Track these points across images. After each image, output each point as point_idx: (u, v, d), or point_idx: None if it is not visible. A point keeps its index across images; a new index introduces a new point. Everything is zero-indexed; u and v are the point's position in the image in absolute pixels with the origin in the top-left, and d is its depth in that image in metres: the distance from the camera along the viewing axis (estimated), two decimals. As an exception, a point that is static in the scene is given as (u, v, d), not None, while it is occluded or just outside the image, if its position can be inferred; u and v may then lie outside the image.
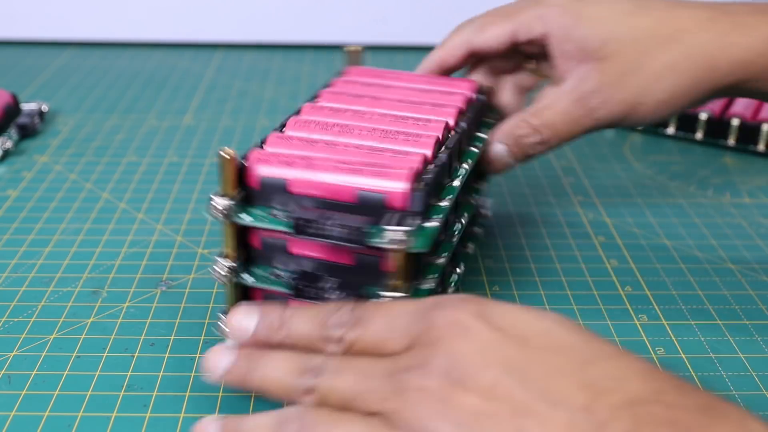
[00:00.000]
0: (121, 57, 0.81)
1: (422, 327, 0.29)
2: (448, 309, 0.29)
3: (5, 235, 0.48)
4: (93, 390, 0.36)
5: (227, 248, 0.36)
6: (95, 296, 0.42)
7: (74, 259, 0.45)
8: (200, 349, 0.38)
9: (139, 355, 0.38)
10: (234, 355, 0.32)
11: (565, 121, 0.42)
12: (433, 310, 0.29)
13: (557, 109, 0.43)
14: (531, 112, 0.43)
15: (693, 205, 0.53)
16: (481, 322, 0.28)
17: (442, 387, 0.27)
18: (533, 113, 0.43)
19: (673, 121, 0.63)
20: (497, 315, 0.29)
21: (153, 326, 0.40)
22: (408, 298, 0.34)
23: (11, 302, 0.41)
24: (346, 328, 0.31)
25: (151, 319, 0.40)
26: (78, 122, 0.64)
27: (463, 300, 0.30)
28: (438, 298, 0.30)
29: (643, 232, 0.50)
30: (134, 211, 0.51)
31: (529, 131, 0.43)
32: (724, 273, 0.46)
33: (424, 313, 0.30)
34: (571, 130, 0.43)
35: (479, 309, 0.29)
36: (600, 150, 0.62)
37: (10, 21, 0.82)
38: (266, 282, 0.36)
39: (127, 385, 0.36)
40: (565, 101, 0.42)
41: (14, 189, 0.53)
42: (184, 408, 0.35)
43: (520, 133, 0.43)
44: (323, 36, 0.84)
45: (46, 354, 0.38)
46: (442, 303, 0.30)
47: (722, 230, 0.50)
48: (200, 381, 0.36)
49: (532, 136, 0.43)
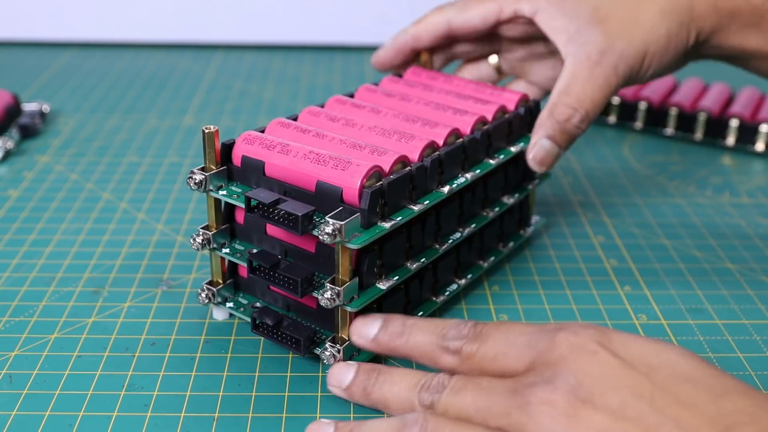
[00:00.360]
0: (121, 57, 0.81)
1: (544, 347, 0.29)
2: (570, 333, 0.29)
3: (6, 235, 0.48)
4: (94, 389, 0.36)
5: (209, 220, 0.38)
6: (96, 296, 0.42)
7: (75, 258, 0.45)
8: (200, 348, 0.38)
9: (140, 355, 0.38)
10: (356, 370, 0.34)
11: (596, 87, 0.42)
12: (556, 332, 0.30)
13: (583, 79, 0.42)
14: (560, 94, 0.42)
15: (692, 204, 0.53)
16: (605, 348, 0.28)
17: (569, 403, 0.27)
18: (563, 93, 0.42)
19: (673, 121, 0.63)
20: (621, 344, 0.29)
21: (153, 326, 0.40)
22: (363, 293, 0.35)
23: (12, 302, 0.42)
24: (465, 340, 0.32)
25: (151, 318, 0.40)
26: (79, 122, 0.65)
27: (585, 326, 0.30)
28: (560, 322, 0.31)
29: (642, 232, 0.50)
30: (135, 211, 0.51)
31: (570, 111, 0.42)
32: (723, 273, 0.46)
33: (545, 334, 0.30)
34: (605, 93, 0.42)
35: (602, 336, 0.29)
36: (599, 150, 0.62)
37: (11, 22, 0.82)
38: (233, 256, 0.38)
39: (128, 385, 0.36)
40: (585, 69, 0.42)
41: (15, 189, 0.53)
42: (184, 407, 0.35)
43: (562, 118, 0.42)
44: (323, 36, 0.84)
45: (47, 353, 0.38)
46: (564, 326, 0.30)
47: (721, 230, 0.50)
48: (200, 381, 0.36)
49: (575, 116, 0.42)
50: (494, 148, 0.41)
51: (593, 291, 0.44)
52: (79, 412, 0.34)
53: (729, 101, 0.65)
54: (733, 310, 0.42)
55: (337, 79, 0.76)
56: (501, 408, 0.28)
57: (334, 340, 0.36)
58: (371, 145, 0.37)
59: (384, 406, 0.33)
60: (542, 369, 0.29)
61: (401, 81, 0.46)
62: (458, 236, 0.40)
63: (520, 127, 0.43)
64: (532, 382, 0.28)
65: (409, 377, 0.32)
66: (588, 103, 0.42)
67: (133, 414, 0.34)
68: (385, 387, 0.33)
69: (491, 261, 0.43)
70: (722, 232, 0.50)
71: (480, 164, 0.40)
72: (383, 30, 0.83)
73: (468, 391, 0.30)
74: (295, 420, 0.34)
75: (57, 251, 0.46)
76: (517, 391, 0.28)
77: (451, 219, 0.40)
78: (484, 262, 0.43)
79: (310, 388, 0.36)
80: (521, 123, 0.43)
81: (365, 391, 0.33)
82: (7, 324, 0.40)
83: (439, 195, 0.37)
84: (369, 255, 0.35)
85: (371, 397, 0.33)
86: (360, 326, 0.35)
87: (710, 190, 0.56)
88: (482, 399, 0.29)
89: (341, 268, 0.34)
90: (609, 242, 0.49)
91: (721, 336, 0.40)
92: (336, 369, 0.34)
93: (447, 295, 0.40)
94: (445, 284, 0.41)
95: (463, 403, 0.29)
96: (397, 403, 0.32)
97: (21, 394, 0.35)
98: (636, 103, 0.64)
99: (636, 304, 0.43)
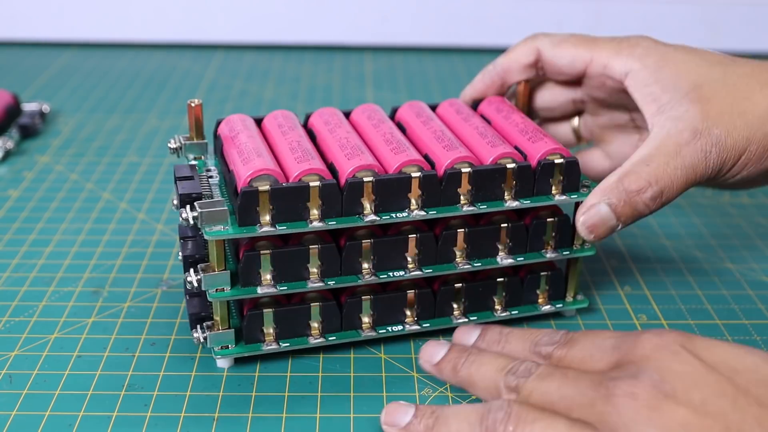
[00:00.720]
0: (121, 57, 0.81)
1: (628, 347, 0.30)
2: (654, 335, 0.30)
3: (6, 235, 0.48)
4: (94, 389, 0.36)
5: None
6: (96, 296, 0.42)
7: (75, 258, 0.45)
8: (200, 348, 0.38)
9: (140, 355, 0.38)
10: (449, 349, 0.35)
11: (681, 167, 0.36)
12: (640, 335, 0.31)
13: (668, 153, 0.36)
14: (637, 162, 0.37)
15: (692, 205, 0.53)
16: (688, 350, 0.29)
17: (652, 396, 0.28)
18: (642, 162, 0.36)
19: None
20: (704, 348, 0.29)
21: (153, 326, 0.40)
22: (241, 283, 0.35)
23: (12, 302, 0.42)
24: (556, 345, 0.33)
25: (151, 318, 0.40)
26: (79, 122, 0.65)
27: (669, 330, 0.30)
28: (645, 330, 0.31)
29: (642, 232, 0.50)
30: (135, 211, 0.51)
31: (644, 183, 0.36)
32: (723, 273, 0.46)
33: (630, 336, 0.31)
34: (687, 178, 0.36)
35: (686, 339, 0.30)
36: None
37: (11, 21, 0.82)
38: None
39: (128, 385, 0.36)
40: (673, 144, 0.36)
41: (15, 189, 0.53)
42: (184, 407, 0.35)
43: (633, 188, 0.36)
44: (323, 36, 0.84)
45: (47, 353, 0.38)
46: (648, 330, 0.31)
47: (721, 230, 0.50)
48: (201, 380, 0.36)
49: (648, 190, 0.36)
50: (481, 195, 0.37)
51: (593, 291, 0.44)
52: (79, 412, 0.34)
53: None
54: (733, 310, 0.42)
55: (337, 79, 0.76)
56: (585, 398, 0.29)
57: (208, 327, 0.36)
58: (341, 149, 0.37)
59: (469, 385, 0.34)
60: (627, 366, 0.29)
61: (456, 105, 0.42)
62: (402, 274, 0.37)
63: (530, 182, 0.37)
64: (617, 376, 0.29)
65: (498, 361, 0.33)
66: (666, 182, 0.36)
67: (133, 414, 0.34)
68: (474, 367, 0.33)
69: (470, 320, 0.39)
70: (722, 232, 0.50)
71: (449, 207, 0.36)
72: (383, 30, 0.83)
73: (554, 379, 0.30)
74: (295, 420, 0.34)
75: (57, 251, 0.46)
76: (602, 383, 0.29)
77: (393, 254, 0.37)
78: (459, 318, 0.39)
79: (310, 388, 0.36)
80: (528, 177, 0.37)
81: (454, 369, 0.34)
82: (7, 324, 0.40)
83: (355, 220, 0.35)
84: (252, 256, 0.35)
85: (459, 374, 0.34)
86: (463, 332, 0.37)
87: (710, 190, 0.56)
88: (567, 387, 0.30)
89: (211, 256, 0.35)
90: (609, 242, 0.49)
91: (721, 336, 0.40)
92: (429, 346, 0.36)
93: (383, 333, 0.38)
94: (385, 321, 0.38)
95: (548, 389, 0.30)
96: (483, 384, 0.33)
97: (21, 394, 0.35)
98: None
99: (636, 304, 0.43)
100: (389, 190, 0.35)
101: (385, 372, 0.37)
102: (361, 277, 0.36)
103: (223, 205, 0.34)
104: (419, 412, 0.32)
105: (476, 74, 0.45)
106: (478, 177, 0.36)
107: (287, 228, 0.34)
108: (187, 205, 0.34)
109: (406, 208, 0.36)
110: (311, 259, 0.36)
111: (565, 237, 0.39)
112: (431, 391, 0.36)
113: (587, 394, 0.29)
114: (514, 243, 0.38)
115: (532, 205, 0.37)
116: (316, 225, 0.35)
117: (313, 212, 0.35)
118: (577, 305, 0.41)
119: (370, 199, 0.35)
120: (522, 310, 0.40)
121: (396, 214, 0.35)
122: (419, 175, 0.35)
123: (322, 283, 0.36)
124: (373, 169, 0.35)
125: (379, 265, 0.37)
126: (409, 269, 0.37)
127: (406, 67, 0.79)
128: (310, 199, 0.34)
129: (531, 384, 0.31)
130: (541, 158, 0.37)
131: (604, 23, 0.82)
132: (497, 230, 0.38)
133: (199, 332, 0.36)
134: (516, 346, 0.35)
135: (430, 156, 0.37)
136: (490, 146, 0.38)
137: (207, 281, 0.35)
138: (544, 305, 0.40)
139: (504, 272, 0.39)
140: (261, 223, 0.34)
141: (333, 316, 0.37)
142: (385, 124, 0.39)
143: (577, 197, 0.38)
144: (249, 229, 0.34)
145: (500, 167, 0.36)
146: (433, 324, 0.39)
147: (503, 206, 0.37)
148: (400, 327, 0.38)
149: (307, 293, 0.37)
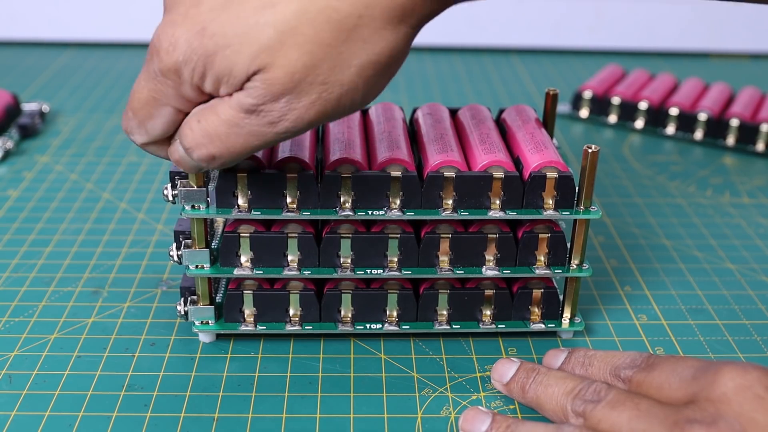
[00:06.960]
0: (121, 57, 0.81)
1: (707, 381, 0.29)
2: (738, 372, 0.29)
3: (6, 235, 0.48)
4: (94, 390, 0.36)
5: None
6: (96, 296, 0.42)
7: (75, 258, 0.45)
8: (200, 349, 0.38)
9: (140, 355, 0.38)
10: (517, 368, 0.35)
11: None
12: (721, 367, 0.29)
13: None
14: None
15: (692, 205, 0.53)
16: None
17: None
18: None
19: (673, 121, 0.63)
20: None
21: (153, 326, 0.40)
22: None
23: (12, 302, 0.42)
24: (636, 369, 0.32)
25: (151, 318, 0.40)
26: (78, 122, 0.65)
27: (753, 367, 0.29)
28: (727, 360, 0.30)
29: (642, 232, 0.50)
30: (134, 211, 0.51)
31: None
32: (724, 273, 0.46)
33: (711, 368, 0.30)
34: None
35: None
36: (599, 150, 0.62)
37: (10, 21, 0.82)
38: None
39: (128, 385, 0.36)
40: None
41: (15, 189, 0.53)
42: (184, 408, 0.35)
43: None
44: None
45: (46, 354, 0.38)
46: (731, 363, 0.29)
47: (721, 230, 0.50)
48: (201, 381, 0.36)
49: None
50: (467, 202, 0.36)
51: (594, 291, 0.44)
52: (78, 413, 0.34)
53: (729, 101, 0.65)
54: (733, 310, 0.42)
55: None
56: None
57: (192, 302, 0.38)
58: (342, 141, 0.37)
59: (537, 405, 0.33)
60: (705, 404, 0.28)
61: (474, 110, 0.42)
62: (380, 273, 0.37)
63: (518, 193, 0.36)
64: (693, 418, 0.28)
65: (566, 382, 0.33)
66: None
67: (133, 414, 0.34)
68: (541, 388, 0.33)
69: (452, 328, 0.38)
70: (722, 232, 0.50)
71: (430, 210, 0.36)
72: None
73: (625, 409, 0.30)
74: (295, 420, 0.34)
75: (57, 251, 0.46)
76: (677, 423, 0.28)
77: (373, 252, 0.37)
78: (442, 324, 0.38)
79: (310, 388, 0.36)
80: (516, 188, 0.36)
81: (522, 389, 0.34)
82: (7, 324, 0.40)
83: (329, 213, 0.35)
84: (232, 237, 0.36)
85: (527, 395, 0.34)
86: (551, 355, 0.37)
87: (710, 190, 0.56)
88: (639, 421, 0.29)
89: (192, 234, 0.36)
90: (609, 242, 0.49)
91: (721, 336, 0.40)
92: (500, 365, 0.36)
93: (360, 329, 0.38)
94: (366, 318, 0.38)
95: (619, 420, 0.29)
96: (550, 406, 0.33)
97: (21, 395, 0.35)
98: (636, 102, 0.64)
99: (636, 304, 0.43)
100: (368, 186, 0.35)
101: (385, 372, 0.37)
102: (338, 270, 0.37)
103: (203, 186, 0.35)
104: (495, 423, 0.32)
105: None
106: (462, 183, 0.36)
107: (261, 213, 0.35)
108: (170, 183, 0.36)
109: (385, 207, 0.36)
110: (290, 247, 0.36)
111: (559, 255, 0.37)
112: (431, 392, 0.36)
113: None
114: (503, 255, 0.37)
115: (519, 218, 0.36)
116: (290, 215, 0.35)
117: (290, 200, 0.36)
118: (573, 328, 0.39)
119: (350, 195, 0.35)
120: (510, 325, 0.39)
121: (374, 212, 0.36)
122: (399, 174, 0.35)
123: (298, 271, 0.37)
124: (355, 165, 0.36)
125: (358, 261, 0.37)
126: (388, 269, 0.37)
127: (406, 67, 0.79)
128: (287, 187, 0.35)
129: (600, 412, 0.30)
130: (534, 170, 0.36)
131: (605, 23, 0.82)
132: (484, 239, 0.37)
133: (182, 305, 0.38)
134: (598, 368, 0.34)
135: (422, 158, 0.38)
136: (484, 153, 0.37)
137: (188, 257, 0.36)
138: (536, 323, 0.39)
139: (496, 285, 0.38)
140: (239, 207, 0.35)
141: (312, 306, 0.38)
142: (396, 122, 0.40)
143: (570, 214, 0.36)
144: (224, 211, 0.35)
145: (486, 175, 0.36)
146: (413, 327, 0.38)
147: (486, 215, 0.36)
148: (378, 325, 0.38)
149: (289, 281, 0.38)
